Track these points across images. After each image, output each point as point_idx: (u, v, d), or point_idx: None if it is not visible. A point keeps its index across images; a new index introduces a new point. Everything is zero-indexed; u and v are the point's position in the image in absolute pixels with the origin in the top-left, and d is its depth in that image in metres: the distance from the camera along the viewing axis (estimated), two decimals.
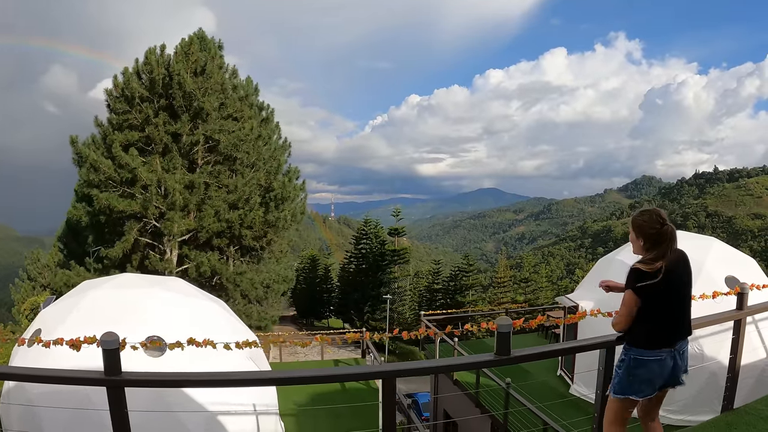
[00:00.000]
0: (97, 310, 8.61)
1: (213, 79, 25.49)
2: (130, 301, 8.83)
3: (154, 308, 8.80)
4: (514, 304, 40.79)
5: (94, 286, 9.69)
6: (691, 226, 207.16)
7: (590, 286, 11.83)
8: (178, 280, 10.38)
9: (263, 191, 27.49)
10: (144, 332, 7.86)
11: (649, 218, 3.69)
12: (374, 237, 44.18)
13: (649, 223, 3.67)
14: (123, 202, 23.50)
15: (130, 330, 8.25)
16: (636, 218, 3.82)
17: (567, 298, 11.74)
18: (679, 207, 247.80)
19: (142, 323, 8.23)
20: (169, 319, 8.67)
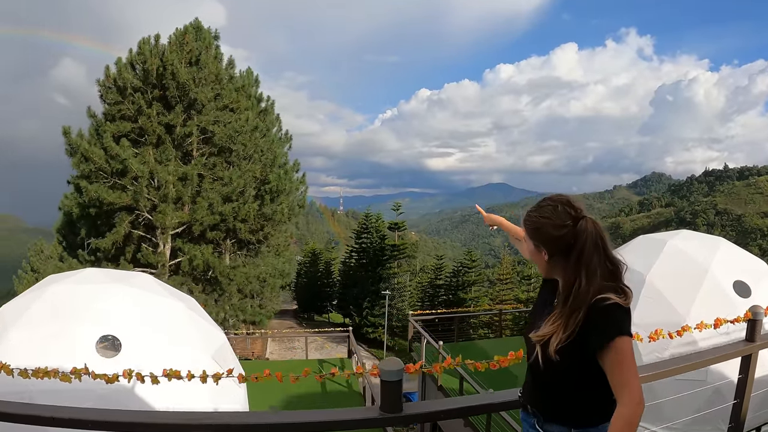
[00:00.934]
0: (53, 306, 8.01)
1: (207, 69, 24.91)
2: (88, 298, 8.21)
3: (111, 305, 8.19)
4: (516, 303, 40.01)
5: (56, 280, 9.15)
6: (700, 224, 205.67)
7: None
8: (145, 276, 9.79)
9: (259, 184, 26.89)
10: (98, 331, 7.47)
11: (553, 213, 2.22)
12: (375, 231, 43.58)
13: (554, 221, 2.20)
14: (113, 194, 23.01)
15: (83, 328, 7.80)
16: (532, 216, 2.30)
17: None
18: (689, 204, 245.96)
19: (97, 321, 7.70)
20: (126, 317, 8.07)
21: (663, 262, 9.83)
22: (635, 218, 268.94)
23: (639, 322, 9.29)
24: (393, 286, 39.97)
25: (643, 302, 9.25)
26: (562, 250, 2.18)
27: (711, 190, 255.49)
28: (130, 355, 7.47)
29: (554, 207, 2.21)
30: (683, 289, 9.23)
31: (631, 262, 8.56)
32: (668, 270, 9.66)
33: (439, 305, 44.12)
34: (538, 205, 2.29)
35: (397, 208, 44.28)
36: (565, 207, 2.20)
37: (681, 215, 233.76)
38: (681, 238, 10.53)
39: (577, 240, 2.12)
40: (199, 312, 9.76)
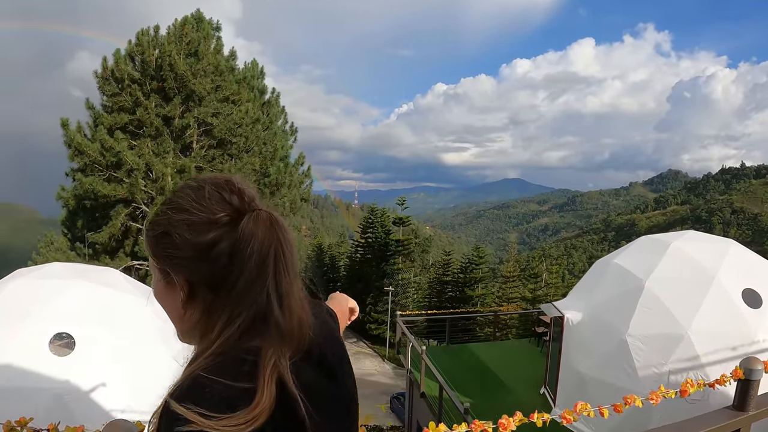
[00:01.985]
0: (9, 302, 7.55)
1: (206, 61, 24.33)
2: (47, 294, 7.73)
3: (69, 302, 7.71)
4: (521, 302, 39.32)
5: (21, 275, 8.71)
6: (716, 222, 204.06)
7: (583, 292, 10.40)
8: (112, 272, 9.21)
9: (259, 177, 26.31)
10: (52, 328, 7.02)
11: (196, 202, 1.07)
12: (380, 226, 42.94)
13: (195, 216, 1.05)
14: (108, 187, 22.57)
15: (37, 325, 7.30)
16: (159, 214, 1.12)
17: (553, 306, 10.28)
18: (705, 202, 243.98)
19: (52, 318, 7.22)
20: (83, 314, 7.59)
21: (665, 266, 9.05)
22: (651, 216, 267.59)
23: (635, 333, 8.59)
24: (397, 282, 39.34)
25: (640, 312, 8.52)
26: (210, 281, 1.07)
27: (727, 188, 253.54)
28: (83, 353, 7.09)
29: (198, 190, 1.08)
30: (686, 297, 8.46)
31: (631, 265, 7.87)
32: (670, 275, 8.88)
33: (446, 302, 43.56)
34: (173, 193, 1.14)
35: (402, 202, 43.52)
36: (219, 190, 1.08)
37: (697, 213, 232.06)
38: (686, 239, 9.73)
39: (236, 256, 1.02)
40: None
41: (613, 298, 9.14)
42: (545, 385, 11.12)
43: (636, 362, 8.29)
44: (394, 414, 22.39)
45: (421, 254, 76.37)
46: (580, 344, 9.35)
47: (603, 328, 8.94)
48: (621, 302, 8.86)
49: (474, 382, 12.48)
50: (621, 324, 8.56)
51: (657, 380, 8.09)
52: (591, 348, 9.07)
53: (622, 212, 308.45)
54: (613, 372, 8.53)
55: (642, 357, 8.29)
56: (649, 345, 8.29)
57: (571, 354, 9.57)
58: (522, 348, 15.66)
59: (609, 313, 8.98)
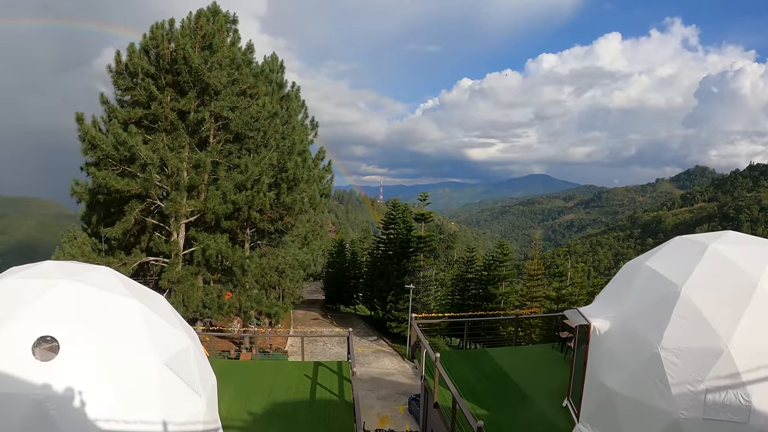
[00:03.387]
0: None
1: (221, 54, 23.89)
2: (33, 295, 7.49)
3: (55, 304, 7.46)
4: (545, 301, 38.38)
5: (12, 273, 8.54)
6: (743, 220, 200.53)
7: (611, 298, 9.58)
8: (104, 271, 8.79)
9: (276, 172, 25.80)
10: (36, 331, 6.89)
11: None
12: (402, 222, 42.17)
13: None
14: (121, 181, 22.26)
15: (21, 327, 6.89)
16: None
17: (578, 311, 9.46)
18: (732, 199, 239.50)
19: (37, 320, 7.07)
20: (69, 316, 7.35)
21: (702, 271, 8.19)
22: (677, 212, 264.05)
23: (669, 345, 7.75)
24: (419, 280, 38.63)
25: (675, 322, 7.68)
26: None
27: (755, 185, 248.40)
28: (68, 358, 6.89)
29: None
30: (726, 306, 7.59)
31: (665, 268, 7.03)
32: (708, 281, 8.00)
33: (469, 300, 42.78)
34: None
35: (424, 198, 42.70)
36: None
37: (724, 210, 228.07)
38: (725, 241, 8.84)
39: None
40: (161, 312, 8.71)
41: (644, 305, 8.35)
42: (568, 397, 10.35)
43: (669, 378, 7.50)
44: (412, 416, 21.70)
45: (446, 250, 75.76)
46: (608, 356, 8.56)
47: (633, 339, 8.15)
48: (653, 311, 8.08)
49: (492, 392, 11.74)
50: (653, 335, 7.79)
51: (692, 399, 7.35)
52: (619, 361, 8.28)
53: (649, 209, 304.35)
54: (643, 388, 7.77)
55: (676, 373, 7.50)
56: (684, 360, 7.50)
57: (597, 366, 8.78)
58: (544, 354, 14.82)
59: (640, 323, 8.19)
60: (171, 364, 7.76)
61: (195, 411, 8.00)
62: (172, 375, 7.71)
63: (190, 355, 8.45)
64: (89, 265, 9.82)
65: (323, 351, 32.75)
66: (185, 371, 8.07)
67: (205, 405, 8.23)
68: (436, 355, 11.10)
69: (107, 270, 9.02)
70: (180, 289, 23.88)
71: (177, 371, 7.84)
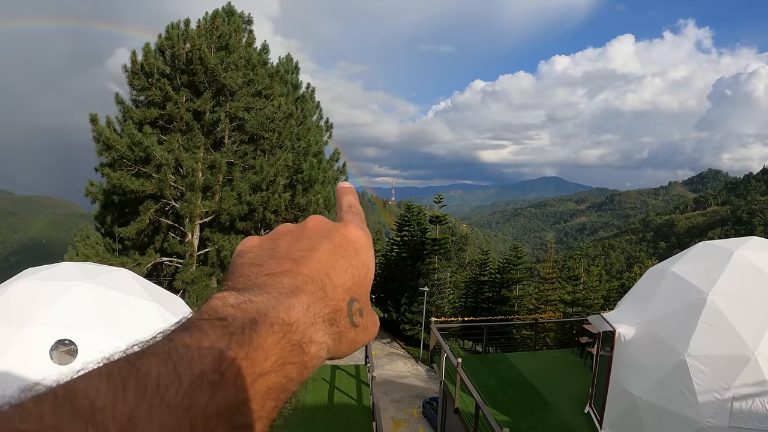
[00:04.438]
0: (12, 304, 7.28)
1: (237, 54, 23.93)
2: (50, 296, 7.38)
3: (73, 306, 7.32)
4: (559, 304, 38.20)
5: (28, 274, 8.44)
6: (757, 224, 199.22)
7: (635, 303, 9.45)
8: (122, 273, 8.75)
9: (291, 173, 25.80)
10: (54, 334, 6.70)
11: None
12: (416, 224, 42.05)
13: None
14: (136, 182, 22.29)
15: (37, 330, 6.85)
16: None
17: (602, 317, 9.34)
18: (746, 203, 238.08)
19: (53, 323, 6.88)
20: (87, 319, 7.18)
21: (729, 277, 8.05)
22: (690, 216, 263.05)
23: (696, 353, 7.63)
24: (432, 282, 38.51)
25: (701, 329, 7.56)
26: None
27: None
28: (82, 361, 6.60)
29: None
30: (753, 313, 7.46)
31: (690, 274, 6.92)
32: (735, 288, 7.88)
33: (483, 303, 42.66)
34: None
35: (439, 200, 42.64)
36: None
37: (737, 214, 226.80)
38: (751, 247, 8.69)
39: None
40: (180, 315, 8.58)
41: (670, 312, 8.22)
42: (590, 404, 10.21)
43: (696, 386, 7.37)
44: (426, 420, 21.57)
45: (458, 252, 75.67)
46: (633, 363, 8.44)
47: (659, 346, 8.03)
48: (680, 317, 7.95)
49: (513, 398, 11.64)
50: (680, 342, 7.67)
51: (719, 407, 7.21)
52: (645, 368, 8.16)
53: (661, 212, 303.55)
54: (669, 396, 7.64)
55: (703, 380, 7.37)
56: (711, 367, 7.37)
57: (622, 373, 8.66)
58: (564, 359, 14.71)
59: (666, 330, 8.07)
60: None
61: None
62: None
63: None
64: (107, 266, 9.78)
65: None
66: None
67: None
68: (458, 360, 11.01)
69: (125, 272, 8.98)
70: (194, 290, 23.89)
71: None
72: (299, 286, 0.54)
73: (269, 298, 0.50)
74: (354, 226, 0.67)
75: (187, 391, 0.39)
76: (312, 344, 0.51)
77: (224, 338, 0.44)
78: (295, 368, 0.49)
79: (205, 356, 0.42)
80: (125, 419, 0.36)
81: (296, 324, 0.50)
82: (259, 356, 0.45)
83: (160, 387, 0.38)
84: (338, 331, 0.56)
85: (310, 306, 0.53)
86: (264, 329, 0.46)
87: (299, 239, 0.62)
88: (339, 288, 0.57)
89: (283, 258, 0.58)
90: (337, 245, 0.61)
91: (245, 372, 0.43)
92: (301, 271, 0.56)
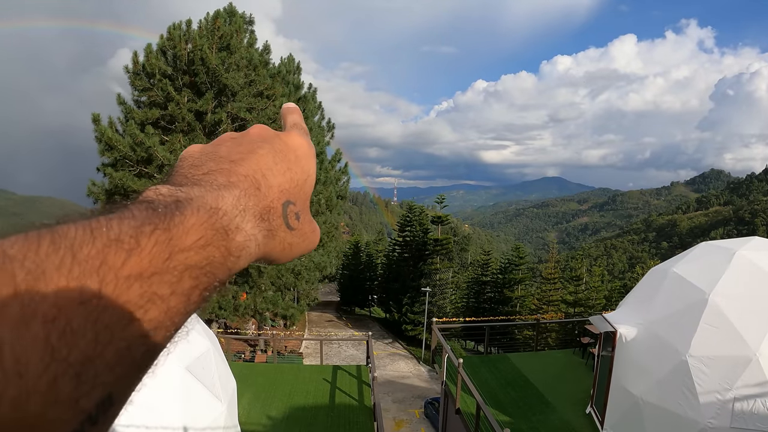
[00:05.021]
0: None
1: (238, 55, 23.96)
2: None
3: None
4: (561, 305, 38.19)
5: None
6: (759, 224, 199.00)
7: (637, 304, 9.44)
8: None
9: None
10: None
11: None
12: (418, 225, 42.08)
13: None
14: (138, 182, 22.36)
15: None
16: None
17: (603, 317, 9.34)
18: (748, 203, 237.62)
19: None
20: None
21: (731, 277, 8.04)
22: (692, 216, 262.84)
23: (697, 353, 7.63)
24: (434, 283, 38.53)
25: (703, 330, 7.56)
26: None
27: None
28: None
29: None
30: (755, 314, 7.46)
31: (691, 274, 6.92)
32: (737, 288, 7.86)
33: (485, 303, 42.69)
34: None
35: (441, 200, 42.71)
36: None
37: (740, 214, 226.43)
38: (753, 247, 8.68)
39: None
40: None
41: (671, 312, 8.22)
42: (592, 404, 10.21)
43: (697, 387, 7.37)
44: (428, 420, 21.59)
45: (460, 252, 75.66)
46: (634, 363, 8.44)
47: (660, 346, 8.03)
48: (681, 318, 7.94)
49: (514, 398, 11.64)
50: (681, 343, 7.66)
51: (720, 408, 7.21)
52: (646, 368, 8.16)
53: (663, 212, 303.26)
54: (670, 396, 7.64)
55: (704, 381, 7.37)
56: (712, 368, 7.37)
57: (623, 373, 8.66)
58: (565, 360, 14.69)
59: (667, 330, 8.06)
60: (192, 368, 7.69)
61: (215, 416, 7.93)
62: (193, 379, 7.65)
63: (211, 359, 8.39)
64: None
65: (338, 353, 32.72)
66: (206, 376, 8.01)
67: (225, 410, 8.16)
68: (459, 360, 11.00)
69: None
70: None
71: (198, 376, 7.78)
72: (232, 182, 0.54)
73: (200, 189, 0.51)
74: (297, 134, 0.68)
75: (101, 251, 0.39)
76: (239, 231, 0.51)
77: (146, 213, 0.44)
78: (218, 251, 0.48)
79: (124, 225, 0.42)
80: (34, 267, 0.36)
81: (223, 210, 0.50)
82: (179, 232, 0.45)
83: (74, 246, 0.38)
84: (270, 228, 0.56)
85: (241, 198, 0.53)
86: (188, 210, 0.46)
87: (240, 144, 0.62)
88: (275, 188, 0.58)
89: (221, 160, 0.58)
90: (278, 150, 0.62)
91: (163, 244, 0.43)
92: (236, 170, 0.56)
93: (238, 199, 0.52)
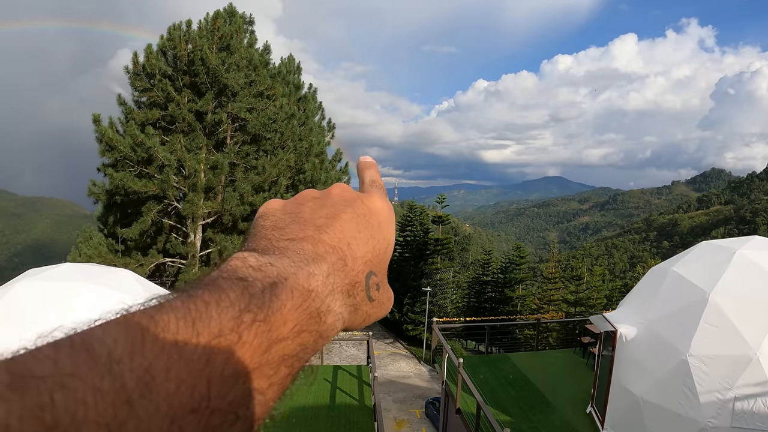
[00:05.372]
0: (14, 305, 7.23)
1: (238, 55, 23.95)
2: (52, 297, 7.36)
3: (74, 307, 7.26)
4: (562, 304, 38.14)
5: (31, 275, 8.39)
6: (760, 223, 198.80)
7: (637, 303, 9.42)
8: (124, 273, 8.74)
9: (294, 173, 25.85)
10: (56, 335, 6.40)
11: None
12: (419, 224, 42.07)
13: None
14: (139, 183, 22.35)
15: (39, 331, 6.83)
16: None
17: (604, 317, 9.33)
18: (749, 202, 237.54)
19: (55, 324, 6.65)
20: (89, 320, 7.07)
21: (731, 276, 8.03)
22: (693, 215, 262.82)
23: (697, 353, 7.61)
24: (435, 283, 38.52)
25: (703, 329, 7.54)
26: None
27: None
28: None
29: None
30: (756, 313, 7.44)
31: (692, 274, 6.91)
32: (737, 287, 7.85)
33: (485, 303, 42.66)
34: None
35: (442, 200, 42.72)
36: None
37: (741, 213, 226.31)
38: (753, 246, 8.67)
39: None
40: None
41: (672, 312, 8.20)
42: (592, 404, 10.20)
43: (698, 386, 7.36)
44: (429, 420, 21.60)
45: (461, 252, 75.64)
46: (634, 363, 8.43)
47: (660, 346, 8.02)
48: (681, 317, 7.93)
49: (514, 398, 11.63)
50: (681, 342, 7.65)
51: (721, 407, 7.20)
52: (646, 368, 8.15)
53: (664, 212, 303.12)
54: (670, 396, 7.63)
55: (704, 380, 7.36)
56: (712, 367, 7.36)
57: (623, 373, 8.65)
58: (566, 359, 14.68)
59: (667, 329, 8.05)
60: None
61: None
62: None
63: None
64: (110, 267, 9.79)
65: (338, 353, 32.70)
66: None
67: None
68: (459, 360, 11.00)
69: (128, 273, 9.00)
70: None
71: None
72: (320, 254, 0.52)
73: (290, 263, 0.49)
74: (378, 197, 0.66)
75: (206, 350, 0.38)
76: (329, 314, 0.50)
77: (244, 299, 0.42)
78: (311, 336, 0.47)
79: (224, 315, 0.40)
80: (142, 371, 0.35)
81: (315, 292, 0.48)
82: (277, 321, 0.44)
83: (179, 342, 0.37)
84: (354, 303, 0.55)
85: (330, 275, 0.51)
86: (284, 294, 0.45)
87: (323, 206, 0.60)
88: (359, 260, 0.56)
89: (305, 224, 0.57)
90: (360, 215, 0.60)
91: (263, 335, 0.42)
92: (322, 239, 0.54)
93: (327, 277, 0.51)
